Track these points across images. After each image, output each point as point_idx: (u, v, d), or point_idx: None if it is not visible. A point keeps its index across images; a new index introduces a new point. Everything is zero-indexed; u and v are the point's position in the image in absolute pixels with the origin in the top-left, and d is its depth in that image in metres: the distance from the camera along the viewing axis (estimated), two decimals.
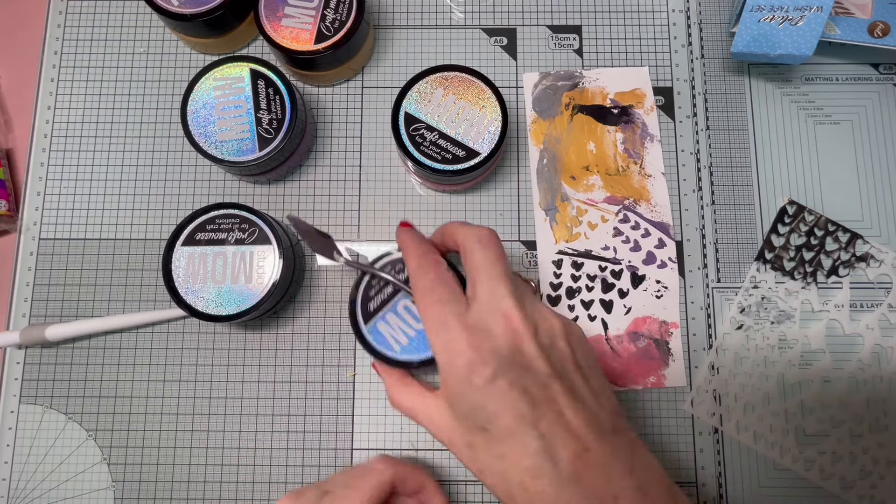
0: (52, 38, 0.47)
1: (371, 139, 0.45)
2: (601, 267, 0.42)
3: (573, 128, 0.44)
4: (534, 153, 0.44)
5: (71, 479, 0.41)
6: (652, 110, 0.44)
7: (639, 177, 0.43)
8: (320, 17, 0.41)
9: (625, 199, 0.43)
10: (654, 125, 0.44)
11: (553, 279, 0.42)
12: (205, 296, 0.37)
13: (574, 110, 0.44)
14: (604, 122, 0.44)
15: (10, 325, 0.43)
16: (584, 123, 0.44)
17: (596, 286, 0.42)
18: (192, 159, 0.45)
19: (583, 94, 0.44)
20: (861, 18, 0.43)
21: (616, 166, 0.43)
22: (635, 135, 0.43)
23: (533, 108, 0.44)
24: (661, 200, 0.43)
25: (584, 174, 0.43)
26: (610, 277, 0.42)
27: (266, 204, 0.44)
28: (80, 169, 0.45)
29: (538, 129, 0.44)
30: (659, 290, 0.42)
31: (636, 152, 0.43)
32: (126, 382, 0.42)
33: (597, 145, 0.43)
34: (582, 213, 0.43)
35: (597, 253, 0.42)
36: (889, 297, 0.42)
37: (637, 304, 0.42)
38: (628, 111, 0.44)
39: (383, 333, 0.36)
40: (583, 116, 0.44)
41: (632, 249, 0.42)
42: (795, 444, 0.40)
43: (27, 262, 0.43)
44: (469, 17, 0.47)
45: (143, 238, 0.44)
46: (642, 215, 0.43)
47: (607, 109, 0.44)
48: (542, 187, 0.43)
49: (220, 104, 0.40)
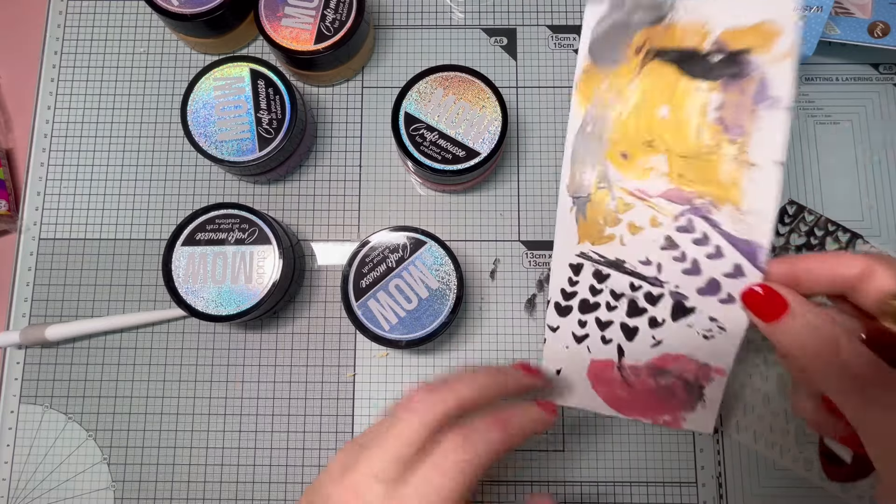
0: (52, 38, 0.47)
1: (371, 139, 0.45)
2: (633, 285, 0.30)
3: (642, 81, 0.29)
4: (575, 116, 0.31)
5: (71, 479, 0.41)
6: (787, 57, 0.26)
7: (732, 164, 0.27)
8: (320, 17, 0.41)
9: (697, 198, 0.28)
10: (783, 82, 0.26)
11: (566, 285, 0.32)
12: (205, 296, 0.37)
13: (649, 56, 0.29)
14: (693, 74, 0.28)
15: (10, 325, 0.43)
16: (660, 75, 0.29)
17: (620, 306, 0.31)
18: (192, 159, 0.45)
19: (668, 33, 0.28)
20: (861, 18, 0.43)
21: (698, 144, 0.28)
22: (744, 96, 0.27)
23: (588, 54, 0.30)
24: (760, 206, 0.27)
25: (643, 151, 0.29)
26: (642, 300, 0.30)
27: (266, 204, 0.44)
28: (80, 169, 0.45)
29: (589, 81, 0.30)
30: (711, 331, 0.29)
31: (738, 125, 0.27)
32: (126, 382, 0.42)
33: (674, 110, 0.28)
34: (625, 207, 0.30)
35: (631, 265, 0.30)
36: None
37: (673, 339, 0.30)
38: (740, 58, 0.27)
39: (373, 311, 0.37)
40: (660, 65, 0.29)
41: (686, 272, 0.29)
42: (795, 444, 0.40)
43: (27, 262, 0.43)
44: (469, 17, 0.47)
45: (143, 238, 0.44)
46: (719, 225, 0.28)
47: (702, 56, 0.28)
48: (577, 163, 0.31)
49: (220, 104, 0.40)
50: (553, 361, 0.33)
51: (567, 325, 0.32)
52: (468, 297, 0.43)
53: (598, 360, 0.32)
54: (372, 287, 0.37)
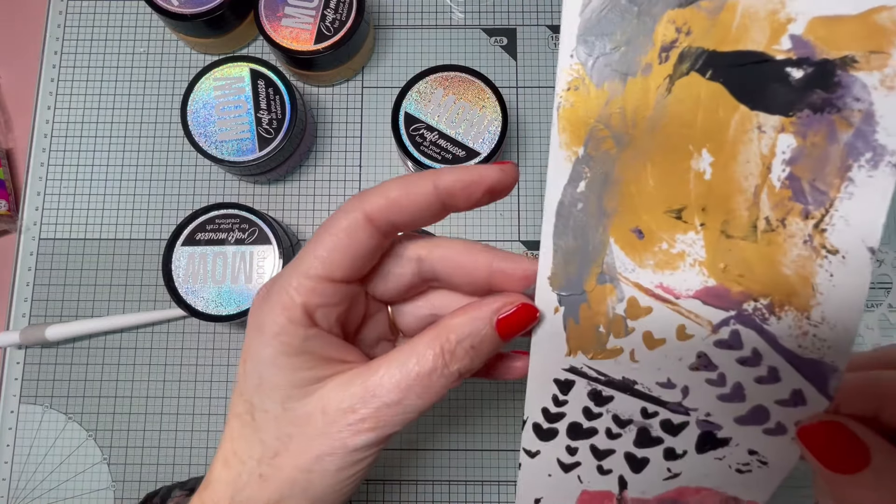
0: (52, 38, 0.47)
1: (371, 139, 0.45)
2: (646, 411, 0.22)
3: (670, 108, 0.18)
4: (558, 168, 0.20)
5: (71, 479, 0.41)
6: None
7: (804, 249, 0.18)
8: (320, 17, 0.41)
9: (749, 299, 0.19)
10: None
11: (550, 405, 0.23)
12: (205, 296, 0.37)
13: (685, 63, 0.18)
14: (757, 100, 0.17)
15: (10, 325, 0.43)
16: (703, 99, 0.18)
17: (626, 434, 0.22)
18: (192, 159, 0.45)
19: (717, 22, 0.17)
20: None
21: (753, 217, 0.18)
22: (832, 143, 0.17)
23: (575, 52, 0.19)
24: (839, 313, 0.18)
25: (668, 227, 0.19)
26: (657, 429, 0.22)
27: (266, 204, 0.44)
28: (80, 169, 0.45)
29: (579, 108, 0.19)
30: (748, 465, 0.21)
31: (820, 189, 0.17)
32: (126, 382, 0.42)
33: (721, 159, 0.18)
34: (639, 312, 0.20)
35: (645, 388, 0.21)
36: (889, 297, 0.42)
37: (695, 472, 0.22)
38: (834, 75, 0.17)
39: None
40: (702, 82, 0.18)
41: (724, 398, 0.20)
42: None
43: (27, 262, 0.43)
44: (469, 17, 0.47)
45: (143, 238, 0.44)
46: (776, 339, 0.19)
47: (776, 66, 0.17)
48: (563, 245, 0.21)
49: (220, 104, 0.40)
50: (531, 488, 0.25)
51: (551, 450, 0.24)
52: None
53: (591, 492, 0.24)
54: None
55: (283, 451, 0.22)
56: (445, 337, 0.21)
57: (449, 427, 0.41)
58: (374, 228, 0.21)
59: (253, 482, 0.22)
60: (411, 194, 0.21)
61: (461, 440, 0.41)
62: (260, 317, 0.22)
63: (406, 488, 0.40)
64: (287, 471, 0.22)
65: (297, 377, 0.22)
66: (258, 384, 0.22)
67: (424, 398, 0.21)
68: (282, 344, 0.21)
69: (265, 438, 0.22)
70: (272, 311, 0.21)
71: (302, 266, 0.22)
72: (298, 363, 0.22)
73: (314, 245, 0.22)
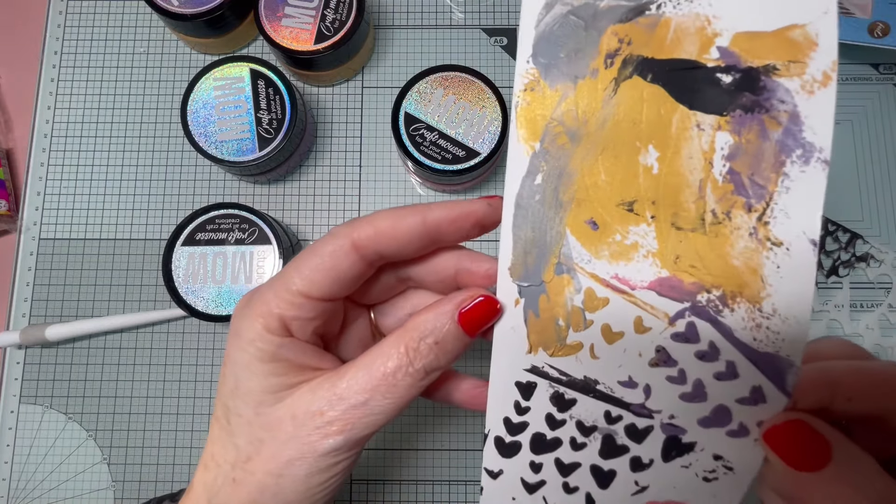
0: (52, 38, 0.47)
1: (371, 139, 0.45)
2: (610, 415, 0.22)
3: (616, 109, 0.20)
4: (516, 161, 0.21)
5: (71, 479, 0.41)
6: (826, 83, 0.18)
7: (750, 241, 0.19)
8: (320, 17, 0.41)
9: (701, 291, 0.20)
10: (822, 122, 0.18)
11: (512, 413, 0.22)
12: (205, 296, 0.37)
13: (628, 68, 0.20)
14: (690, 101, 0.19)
15: (10, 325, 0.43)
16: (643, 101, 0.20)
17: (591, 444, 0.22)
18: (192, 159, 0.45)
19: (655, 35, 0.19)
20: (861, 18, 0.43)
21: (700, 210, 0.19)
22: (766, 142, 0.19)
23: (532, 59, 0.21)
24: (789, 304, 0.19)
25: (621, 219, 0.20)
26: (622, 436, 0.22)
27: (266, 204, 0.44)
28: (80, 169, 0.45)
29: (535, 107, 0.21)
30: (714, 472, 0.21)
31: (757, 184, 0.19)
32: (126, 382, 0.42)
33: (666, 154, 0.20)
34: (596, 303, 0.21)
35: (607, 388, 0.21)
36: (889, 297, 0.42)
37: (662, 484, 0.22)
38: (759, 80, 0.18)
39: None
40: (643, 85, 0.20)
41: (685, 397, 0.20)
42: None
43: (27, 262, 0.43)
44: (469, 17, 0.47)
45: (143, 238, 0.44)
46: (732, 332, 0.19)
47: (707, 72, 0.19)
48: (522, 235, 0.21)
49: (220, 104, 0.40)
50: None
51: (514, 468, 0.23)
52: None
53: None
54: None
55: (255, 455, 0.22)
56: (409, 335, 0.22)
57: (449, 427, 0.41)
58: (359, 256, 0.22)
59: (227, 486, 0.23)
60: (400, 226, 0.22)
61: (461, 440, 0.41)
62: (239, 322, 0.22)
63: (406, 488, 0.40)
64: (259, 475, 0.22)
65: (269, 383, 0.22)
66: (234, 388, 0.22)
67: (390, 398, 0.22)
68: (257, 350, 0.22)
69: (239, 443, 0.22)
70: (250, 317, 0.22)
71: (283, 279, 0.22)
72: (271, 369, 0.22)
73: (298, 262, 0.22)
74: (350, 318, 0.25)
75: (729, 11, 0.18)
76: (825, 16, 0.17)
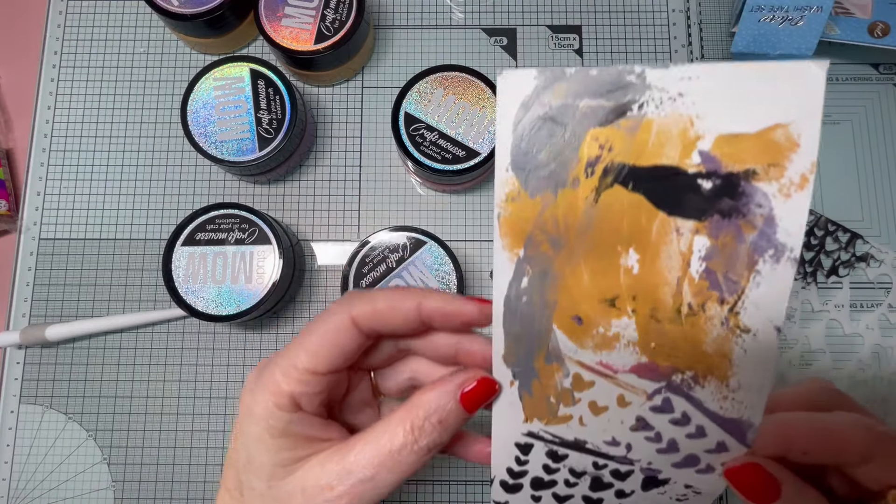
0: (52, 38, 0.47)
1: (371, 139, 0.45)
2: (597, 464, 0.25)
3: (598, 215, 0.21)
4: (502, 268, 0.22)
5: (71, 479, 0.41)
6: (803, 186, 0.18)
7: (721, 330, 0.21)
8: (320, 17, 0.41)
9: (677, 372, 0.22)
10: (795, 224, 0.19)
11: (514, 465, 0.25)
12: (205, 296, 0.37)
13: (609, 176, 0.20)
14: (671, 209, 0.20)
15: (10, 325, 0.43)
16: (624, 209, 0.20)
17: (582, 482, 0.26)
18: (192, 159, 0.45)
19: (636, 139, 0.19)
20: (861, 18, 0.43)
21: (677, 304, 0.21)
22: (740, 243, 0.20)
23: (511, 167, 0.21)
24: (752, 380, 0.21)
25: (603, 314, 0.22)
26: (607, 476, 0.25)
27: (266, 204, 0.44)
28: (80, 169, 0.45)
29: (518, 215, 0.21)
30: (685, 496, 0.25)
31: (732, 280, 0.20)
32: (126, 382, 0.42)
33: (646, 257, 0.21)
34: (583, 385, 0.23)
35: (595, 446, 0.24)
36: (889, 297, 0.42)
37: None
38: (738, 186, 0.19)
39: None
40: (626, 192, 0.20)
41: (661, 451, 0.23)
42: None
43: (27, 262, 0.43)
44: (469, 17, 0.47)
45: (143, 238, 0.44)
46: (702, 404, 0.22)
47: (688, 179, 0.19)
48: (512, 331, 0.23)
49: (220, 104, 0.40)
50: None
51: (518, 500, 0.27)
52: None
53: None
54: (372, 287, 0.37)
55: None
56: (415, 413, 0.23)
57: None
58: (358, 331, 0.24)
59: None
60: (396, 309, 0.24)
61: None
62: (250, 399, 0.24)
63: (405, 488, 0.40)
64: None
65: (280, 457, 0.23)
66: (247, 462, 0.24)
67: (395, 473, 0.23)
68: (268, 426, 0.23)
69: None
70: (262, 394, 0.23)
71: (290, 357, 0.23)
72: (282, 444, 0.23)
73: (303, 339, 0.24)
74: (353, 383, 0.27)
75: (713, 111, 0.18)
76: (810, 114, 0.18)
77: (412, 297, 0.24)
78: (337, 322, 0.23)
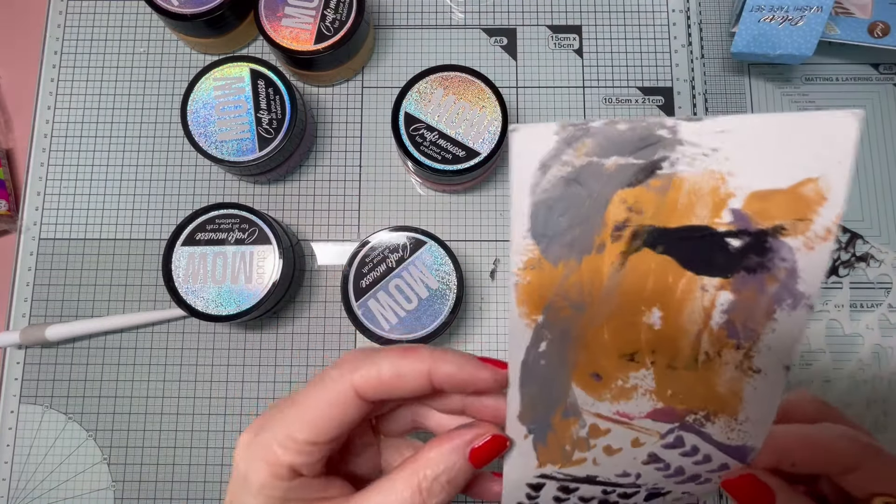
0: (52, 38, 0.47)
1: (371, 139, 0.45)
2: (606, 491, 0.25)
3: (624, 280, 0.20)
4: (519, 334, 0.20)
5: (71, 479, 0.41)
6: (827, 238, 0.18)
7: (735, 373, 0.21)
8: (320, 17, 0.41)
9: (690, 413, 0.22)
10: (815, 275, 0.19)
11: (525, 500, 0.25)
12: (205, 296, 0.37)
13: (638, 240, 0.19)
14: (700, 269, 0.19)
15: (10, 325, 0.43)
16: (651, 271, 0.19)
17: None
18: (192, 159, 0.45)
19: (666, 200, 0.18)
20: (861, 18, 0.43)
21: (695, 353, 0.21)
22: (762, 295, 0.19)
23: (530, 234, 0.19)
24: (759, 414, 0.22)
25: (622, 369, 0.21)
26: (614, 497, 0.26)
27: (266, 204, 0.44)
28: (80, 169, 0.45)
29: (539, 281, 0.19)
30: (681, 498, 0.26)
31: (750, 328, 0.20)
32: (126, 382, 0.42)
33: (669, 313, 0.20)
34: (599, 433, 0.22)
35: (605, 479, 0.24)
36: (889, 297, 0.42)
37: None
38: (766, 242, 0.19)
39: (373, 311, 0.37)
40: (653, 255, 0.19)
41: (668, 476, 0.24)
42: None
43: (27, 262, 0.43)
44: (469, 17, 0.47)
45: (143, 238, 0.44)
46: (710, 437, 0.22)
47: (717, 238, 0.19)
48: (529, 392, 0.22)
49: (220, 104, 0.40)
50: None
51: None
52: (468, 297, 0.43)
53: None
54: (372, 287, 0.37)
55: None
56: (422, 473, 0.22)
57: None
58: (361, 401, 0.22)
59: None
60: (403, 378, 0.22)
61: None
62: (245, 466, 0.22)
63: None
64: None
65: None
66: None
67: None
68: (266, 497, 0.22)
69: None
70: (258, 463, 0.22)
71: (288, 426, 0.22)
72: None
73: (303, 409, 0.22)
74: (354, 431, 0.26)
75: (746, 167, 0.18)
76: (840, 165, 0.17)
77: (421, 362, 0.22)
78: (338, 392, 0.22)
